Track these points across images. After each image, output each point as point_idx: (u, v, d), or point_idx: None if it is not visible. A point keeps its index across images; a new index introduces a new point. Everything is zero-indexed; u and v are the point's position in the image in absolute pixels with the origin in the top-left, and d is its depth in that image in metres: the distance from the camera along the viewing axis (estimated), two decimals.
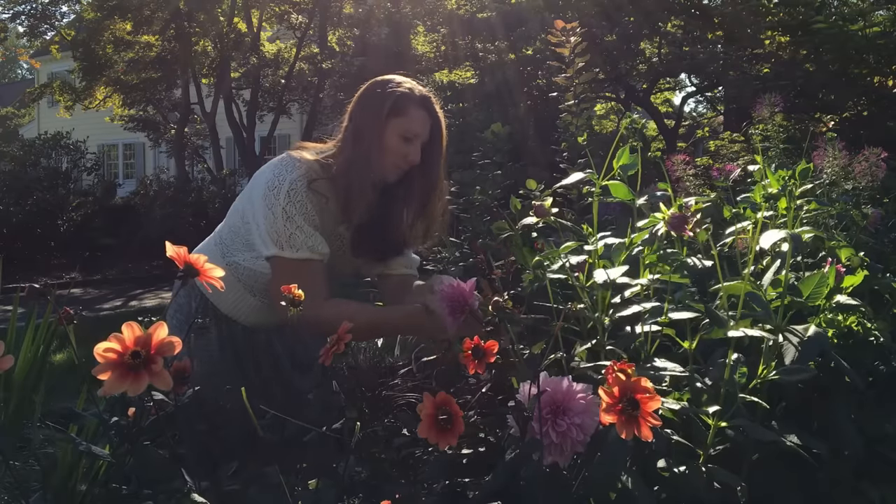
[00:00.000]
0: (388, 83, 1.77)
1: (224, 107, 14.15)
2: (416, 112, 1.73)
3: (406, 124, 1.72)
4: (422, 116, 1.74)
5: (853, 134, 6.19)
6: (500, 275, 1.68)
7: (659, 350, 1.50)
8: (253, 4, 13.98)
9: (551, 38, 2.63)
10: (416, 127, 1.73)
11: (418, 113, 1.74)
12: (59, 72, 18.55)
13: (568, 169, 3.00)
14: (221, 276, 1.10)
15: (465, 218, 3.73)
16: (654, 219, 1.46)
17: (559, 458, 1.19)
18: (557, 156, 3.20)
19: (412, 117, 1.73)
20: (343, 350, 1.37)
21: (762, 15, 9.17)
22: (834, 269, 1.49)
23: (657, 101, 14.20)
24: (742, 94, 8.15)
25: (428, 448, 1.42)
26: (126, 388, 0.91)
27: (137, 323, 0.95)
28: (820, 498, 1.46)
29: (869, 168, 2.13)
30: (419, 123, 1.74)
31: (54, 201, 12.00)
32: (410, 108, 1.73)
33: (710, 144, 8.34)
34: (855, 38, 7.24)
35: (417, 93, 1.77)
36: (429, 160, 1.78)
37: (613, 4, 9.95)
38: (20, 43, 22.33)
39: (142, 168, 21.56)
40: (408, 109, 1.73)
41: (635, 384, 1.01)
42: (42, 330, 1.88)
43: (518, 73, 10.97)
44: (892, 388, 1.61)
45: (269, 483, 1.17)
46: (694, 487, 1.24)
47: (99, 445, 1.11)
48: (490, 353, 1.35)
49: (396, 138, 1.72)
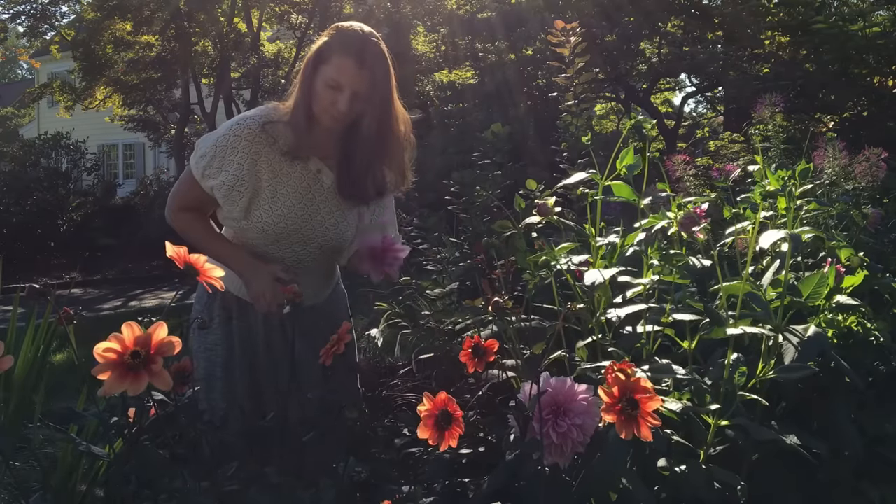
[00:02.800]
0: (332, 29, 1.77)
1: (224, 107, 14.13)
2: (339, 60, 1.68)
3: (329, 72, 1.69)
4: (347, 65, 1.68)
5: (853, 134, 6.19)
6: (500, 275, 1.68)
7: (659, 350, 1.50)
8: (253, 4, 13.97)
9: (551, 38, 2.63)
10: (338, 76, 1.68)
11: (343, 61, 1.68)
12: (59, 72, 18.53)
13: (568, 169, 3.00)
14: None
15: (465, 218, 3.73)
16: (652, 219, 1.46)
17: (560, 459, 1.19)
18: (557, 156, 3.20)
19: (335, 65, 1.68)
20: (343, 350, 1.37)
21: (762, 15, 9.17)
22: (834, 269, 1.49)
23: (657, 101, 14.20)
24: (742, 94, 8.15)
25: (428, 448, 1.41)
26: (126, 388, 0.91)
27: (137, 323, 0.95)
28: (820, 498, 1.46)
29: (869, 168, 2.13)
30: (343, 72, 1.68)
31: (54, 201, 12.00)
32: (333, 57, 1.69)
33: (710, 144, 8.34)
34: (855, 38, 7.24)
35: (348, 40, 1.72)
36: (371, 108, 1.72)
37: (613, 4, 9.95)
38: (20, 43, 22.32)
39: (142, 168, 21.54)
40: (331, 58, 1.69)
41: (635, 384, 1.01)
42: (42, 330, 1.88)
43: (518, 73, 10.97)
44: (892, 388, 1.61)
45: (268, 483, 1.17)
46: (694, 487, 1.24)
47: (99, 445, 1.11)
48: (490, 352, 1.35)
49: (322, 85, 1.70)
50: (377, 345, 2.89)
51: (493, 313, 1.49)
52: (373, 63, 1.70)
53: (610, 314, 1.48)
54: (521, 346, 1.60)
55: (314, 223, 1.83)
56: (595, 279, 1.43)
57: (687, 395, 1.37)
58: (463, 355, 1.37)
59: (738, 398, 1.31)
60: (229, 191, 1.76)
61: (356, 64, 1.68)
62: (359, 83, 1.69)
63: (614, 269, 1.47)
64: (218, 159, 1.76)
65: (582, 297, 1.56)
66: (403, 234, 3.82)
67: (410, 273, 3.01)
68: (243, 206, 1.78)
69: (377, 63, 1.71)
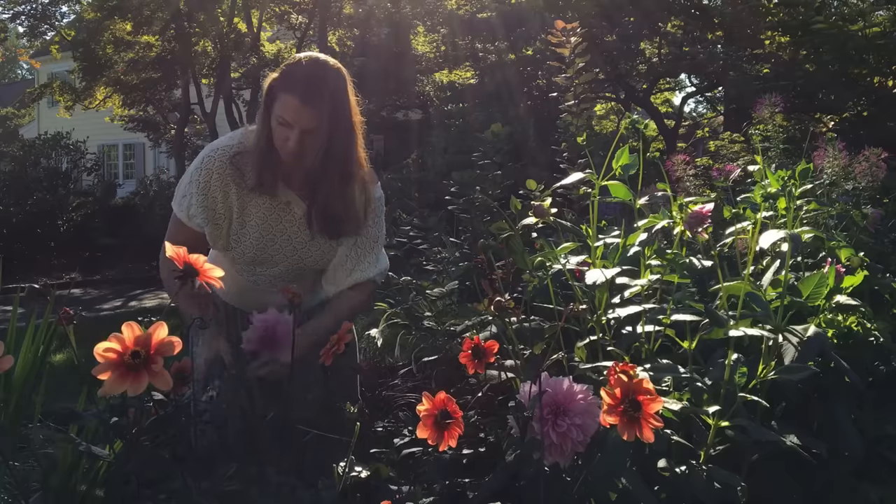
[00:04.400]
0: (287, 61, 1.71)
1: (224, 107, 14.14)
2: (285, 98, 1.63)
3: (277, 110, 1.64)
4: (292, 103, 1.61)
5: (853, 134, 6.19)
6: (500, 276, 1.68)
7: (659, 350, 1.50)
8: (253, 4, 13.97)
9: (551, 39, 2.63)
10: (285, 114, 1.63)
11: (288, 99, 1.62)
12: (59, 72, 18.53)
13: (568, 169, 3.00)
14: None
15: (465, 218, 3.73)
16: (652, 219, 1.46)
17: (560, 459, 1.19)
18: (557, 156, 3.20)
19: (281, 103, 1.63)
20: (343, 350, 1.37)
21: (762, 15, 9.18)
22: (834, 269, 1.49)
23: (657, 101, 14.20)
24: (742, 95, 8.16)
25: (428, 448, 1.41)
26: (126, 388, 0.91)
27: (137, 323, 0.95)
28: (820, 498, 1.46)
29: (869, 168, 2.13)
30: (289, 111, 1.62)
31: (54, 202, 11.99)
32: (280, 94, 1.64)
33: (710, 145, 8.35)
34: (855, 38, 7.24)
35: (293, 77, 1.64)
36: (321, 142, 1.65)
37: (613, 4, 9.95)
38: (20, 43, 22.33)
39: (142, 168, 21.53)
40: (278, 95, 1.64)
41: (637, 385, 1.01)
42: (42, 330, 1.88)
43: (518, 74, 10.97)
44: (892, 388, 1.61)
45: (269, 483, 1.17)
46: (694, 487, 1.24)
47: (99, 445, 1.11)
48: (490, 353, 1.35)
49: (275, 123, 1.65)
50: (377, 345, 2.89)
51: (493, 313, 1.49)
52: (319, 99, 1.62)
53: (610, 314, 1.48)
54: (521, 347, 1.60)
55: (286, 251, 1.83)
56: (596, 279, 1.43)
57: (687, 396, 1.37)
58: (462, 356, 1.37)
59: (739, 398, 1.31)
60: (215, 226, 1.78)
61: (301, 101, 1.61)
62: (306, 120, 1.62)
63: (616, 268, 1.47)
64: (198, 196, 1.75)
65: (582, 297, 1.56)
66: (403, 234, 3.82)
67: (410, 273, 3.01)
68: (226, 235, 1.80)
69: (324, 98, 1.63)
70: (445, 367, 2.09)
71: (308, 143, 1.65)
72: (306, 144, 1.65)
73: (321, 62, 1.69)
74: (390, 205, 6.32)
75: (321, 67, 1.68)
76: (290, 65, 1.69)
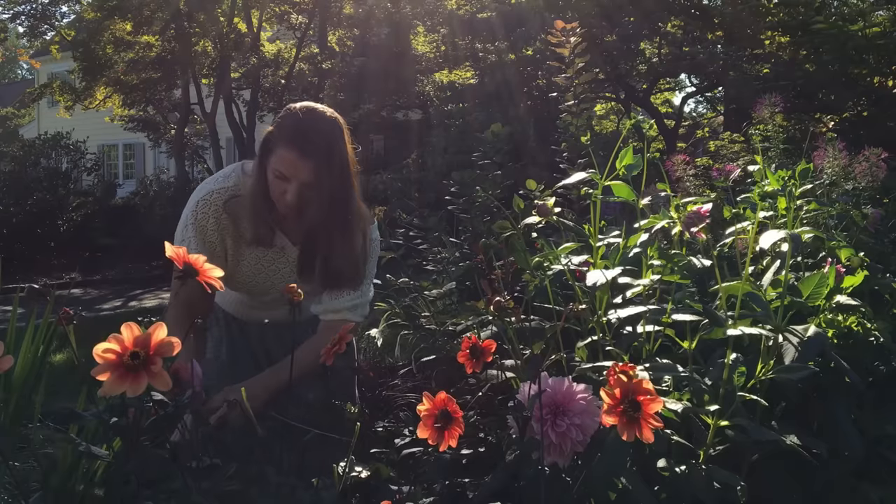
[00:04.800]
0: (282, 113, 1.68)
1: (224, 107, 14.14)
2: (282, 151, 1.60)
3: (274, 163, 1.62)
4: (290, 157, 1.59)
5: (853, 134, 6.19)
6: (500, 275, 1.68)
7: (659, 350, 1.50)
8: (253, 4, 13.97)
9: (551, 39, 2.63)
10: (282, 167, 1.61)
11: (285, 153, 1.60)
12: (59, 72, 18.52)
13: (568, 169, 3.00)
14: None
15: (465, 218, 3.73)
16: (653, 219, 1.46)
17: (559, 459, 1.20)
18: (557, 156, 3.20)
19: (279, 156, 1.61)
20: (344, 350, 1.37)
21: (762, 15, 9.18)
22: (834, 269, 1.49)
23: (657, 101, 14.20)
24: (742, 95, 8.16)
25: (428, 448, 1.41)
26: (126, 389, 0.91)
27: (137, 323, 0.95)
28: (820, 498, 1.46)
29: (869, 168, 2.13)
30: (286, 164, 1.60)
31: (54, 202, 11.99)
32: (277, 147, 1.62)
33: (710, 145, 8.35)
34: (855, 38, 7.25)
35: (291, 129, 1.62)
36: (319, 196, 1.63)
37: (613, 4, 9.96)
38: (20, 43, 22.32)
39: (142, 168, 21.54)
40: (276, 148, 1.62)
41: (637, 386, 1.01)
42: (42, 330, 1.88)
43: (518, 74, 10.98)
44: (892, 388, 1.61)
45: (269, 483, 1.17)
46: (694, 487, 1.24)
47: (98, 446, 1.11)
48: (488, 352, 1.35)
49: (272, 175, 1.63)
50: (377, 345, 2.89)
51: (493, 313, 1.49)
52: (316, 152, 1.60)
53: (611, 315, 1.48)
54: (521, 347, 1.60)
55: (279, 286, 1.82)
56: (597, 280, 1.43)
57: (687, 395, 1.37)
58: (461, 356, 1.37)
59: (738, 398, 1.31)
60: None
61: (299, 155, 1.59)
62: (305, 174, 1.60)
63: (617, 269, 1.47)
64: (195, 240, 1.74)
65: (582, 297, 1.56)
66: (402, 235, 3.81)
67: (408, 274, 3.01)
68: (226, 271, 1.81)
69: (322, 150, 1.61)
70: (445, 367, 2.09)
71: (306, 196, 1.63)
72: (304, 197, 1.63)
73: (318, 113, 1.66)
74: (390, 205, 6.32)
75: (317, 119, 1.65)
76: (286, 116, 1.66)
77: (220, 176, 1.78)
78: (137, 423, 1.04)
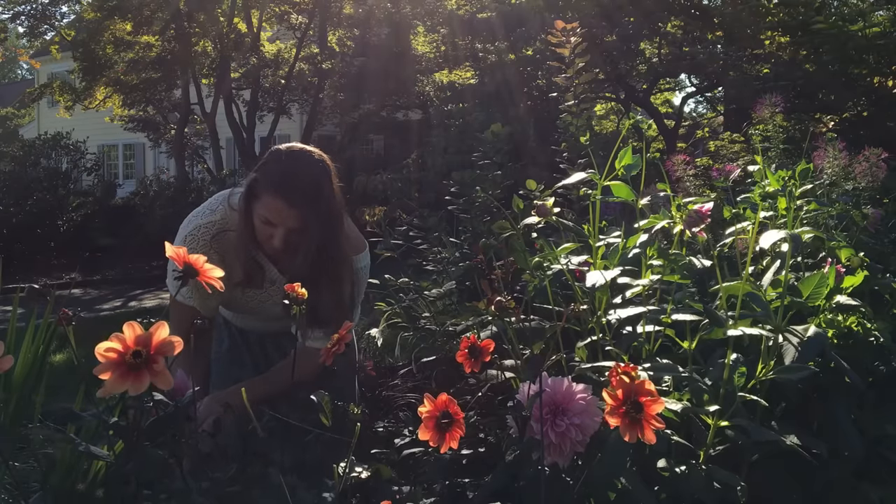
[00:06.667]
0: (267, 157, 1.66)
1: (224, 107, 14.14)
2: (268, 199, 1.59)
3: (260, 209, 1.60)
4: (276, 205, 1.58)
5: (853, 134, 6.19)
6: (500, 275, 1.68)
7: (659, 350, 1.50)
8: (253, 4, 13.97)
9: (551, 39, 2.63)
10: (268, 214, 1.59)
11: (271, 201, 1.58)
12: (59, 72, 18.52)
13: (568, 169, 3.00)
14: None
15: (465, 218, 3.73)
16: (653, 219, 1.46)
17: (559, 459, 1.20)
18: (557, 156, 3.20)
19: (265, 203, 1.60)
20: (343, 350, 1.37)
21: (762, 15, 9.18)
22: (834, 269, 1.49)
23: (657, 101, 14.21)
24: (742, 95, 8.16)
25: (428, 448, 1.41)
26: (127, 388, 0.91)
27: (137, 323, 0.95)
28: (820, 498, 1.46)
29: (869, 168, 2.13)
30: (273, 212, 1.59)
31: (54, 201, 11.98)
32: (263, 195, 1.60)
33: (710, 145, 8.35)
34: (855, 38, 7.25)
35: (276, 176, 1.60)
36: (305, 246, 1.61)
37: (613, 4, 9.96)
38: (20, 43, 22.31)
39: (142, 168, 21.53)
40: (261, 195, 1.60)
41: (639, 387, 1.00)
42: (42, 330, 1.88)
43: (518, 74, 10.98)
44: (892, 388, 1.61)
45: (269, 483, 1.17)
46: (694, 487, 1.24)
47: (98, 446, 1.11)
48: (486, 352, 1.35)
49: (257, 219, 1.62)
50: (377, 345, 2.89)
51: (493, 313, 1.49)
52: (304, 199, 1.58)
53: (611, 315, 1.48)
54: (521, 347, 1.60)
55: (273, 311, 1.82)
56: (597, 280, 1.43)
57: (687, 396, 1.37)
58: (459, 355, 1.36)
59: (738, 398, 1.31)
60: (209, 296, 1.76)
61: (286, 204, 1.58)
62: (292, 221, 1.59)
63: (616, 269, 1.47)
64: None
65: (582, 297, 1.56)
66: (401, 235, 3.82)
67: (408, 274, 3.01)
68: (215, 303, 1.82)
69: (310, 198, 1.59)
70: (445, 367, 2.09)
71: (294, 241, 1.62)
72: (292, 242, 1.62)
73: (304, 157, 1.64)
74: (390, 205, 6.31)
75: (304, 163, 1.63)
76: (271, 162, 1.64)
77: (207, 209, 1.75)
78: (137, 423, 1.04)
